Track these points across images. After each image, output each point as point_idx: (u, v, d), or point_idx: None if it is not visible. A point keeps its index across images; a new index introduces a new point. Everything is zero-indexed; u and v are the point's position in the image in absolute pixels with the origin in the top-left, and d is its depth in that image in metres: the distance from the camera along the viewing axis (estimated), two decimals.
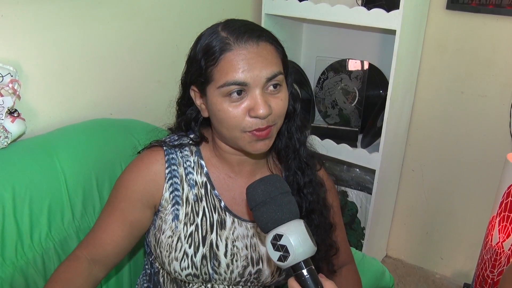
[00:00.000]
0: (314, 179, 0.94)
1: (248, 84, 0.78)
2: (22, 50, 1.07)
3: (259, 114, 0.78)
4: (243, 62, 0.78)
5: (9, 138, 1.01)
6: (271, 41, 0.82)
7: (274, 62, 0.81)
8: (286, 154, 0.93)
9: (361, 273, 1.09)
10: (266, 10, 1.76)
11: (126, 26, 1.32)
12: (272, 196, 0.69)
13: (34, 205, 0.96)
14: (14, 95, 1.05)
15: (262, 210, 0.68)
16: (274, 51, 0.82)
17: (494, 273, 1.36)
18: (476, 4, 1.60)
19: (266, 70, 0.79)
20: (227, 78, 0.78)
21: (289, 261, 0.65)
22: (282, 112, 0.83)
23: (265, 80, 0.79)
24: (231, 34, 0.80)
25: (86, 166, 1.06)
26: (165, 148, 0.91)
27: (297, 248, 0.65)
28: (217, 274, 0.90)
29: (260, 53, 0.79)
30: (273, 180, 0.71)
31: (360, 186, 1.98)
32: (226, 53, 0.79)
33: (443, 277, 2.02)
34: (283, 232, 0.66)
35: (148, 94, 1.45)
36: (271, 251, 0.67)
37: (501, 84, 1.67)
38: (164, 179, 0.90)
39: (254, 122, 0.79)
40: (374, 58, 1.89)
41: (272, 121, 0.81)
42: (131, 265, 1.14)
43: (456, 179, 1.87)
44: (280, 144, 0.93)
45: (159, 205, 0.90)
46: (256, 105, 0.78)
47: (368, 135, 1.81)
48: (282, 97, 0.82)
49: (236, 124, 0.80)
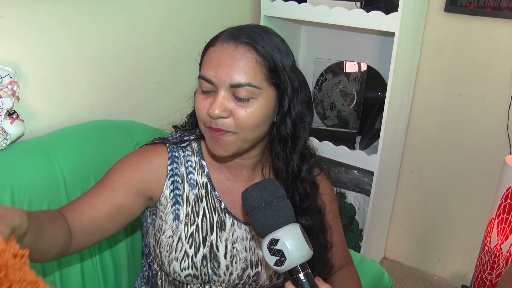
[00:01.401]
0: (312, 205, 0.92)
1: (213, 83, 0.79)
2: (21, 51, 1.07)
3: (210, 113, 0.79)
4: (215, 61, 0.79)
5: (8, 139, 1.01)
6: (258, 51, 0.78)
7: (247, 71, 0.78)
8: (282, 177, 0.90)
9: (360, 275, 1.09)
10: (265, 12, 1.76)
11: (125, 27, 1.31)
12: (267, 200, 0.69)
13: (33, 206, 0.96)
14: (13, 96, 1.04)
15: (257, 215, 0.68)
16: (253, 60, 0.78)
17: (492, 275, 1.36)
18: (474, 7, 1.61)
19: (232, 75, 0.77)
20: (201, 71, 0.82)
21: (285, 265, 0.65)
22: (244, 124, 0.79)
23: (228, 84, 0.78)
24: (225, 33, 0.82)
25: (85, 168, 1.06)
26: (168, 146, 0.91)
27: (293, 253, 0.65)
28: (216, 276, 0.90)
29: (234, 57, 0.78)
30: (268, 184, 0.71)
31: (358, 188, 1.98)
32: (210, 47, 0.82)
33: (441, 279, 2.02)
34: (279, 236, 0.66)
35: (146, 95, 1.45)
36: (268, 256, 0.67)
37: (499, 87, 1.68)
38: (165, 175, 0.89)
39: (210, 119, 0.80)
40: (372, 60, 1.89)
41: (229, 127, 0.80)
42: (130, 267, 1.14)
43: (453, 181, 1.88)
44: (278, 165, 0.89)
45: (158, 202, 0.90)
46: (213, 104, 0.79)
47: (367, 137, 1.81)
48: (249, 109, 0.79)
49: (200, 116, 0.83)
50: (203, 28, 1.58)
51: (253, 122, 0.80)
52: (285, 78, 0.82)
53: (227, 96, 0.79)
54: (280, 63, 0.81)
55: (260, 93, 0.79)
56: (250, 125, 0.80)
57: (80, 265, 1.05)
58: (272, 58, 0.80)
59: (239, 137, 0.81)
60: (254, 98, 0.79)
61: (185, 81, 1.56)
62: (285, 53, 0.83)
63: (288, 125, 0.85)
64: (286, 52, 0.84)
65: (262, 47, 0.79)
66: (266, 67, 0.79)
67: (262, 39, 0.80)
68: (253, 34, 0.80)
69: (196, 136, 0.94)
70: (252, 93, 0.79)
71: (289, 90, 0.83)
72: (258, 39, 0.80)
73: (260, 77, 0.79)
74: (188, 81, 1.56)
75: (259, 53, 0.79)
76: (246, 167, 0.92)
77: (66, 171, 1.02)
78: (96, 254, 1.07)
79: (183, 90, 1.55)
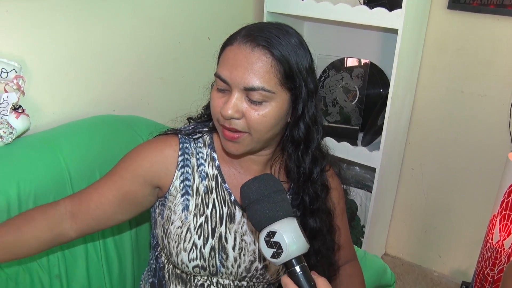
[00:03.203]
0: (322, 207, 0.92)
1: (229, 83, 0.79)
2: (26, 46, 1.07)
3: (223, 113, 0.79)
4: (232, 61, 0.79)
5: (14, 134, 1.01)
6: (274, 55, 0.78)
7: (261, 75, 0.77)
8: (293, 177, 0.91)
9: (363, 271, 1.10)
10: (268, 8, 1.76)
11: (129, 23, 1.32)
12: (266, 194, 0.69)
13: (39, 200, 0.96)
14: (18, 91, 1.05)
15: (256, 208, 0.69)
16: (268, 64, 0.78)
17: (494, 271, 1.37)
18: (477, 4, 1.61)
19: (246, 78, 0.77)
20: (218, 70, 0.82)
21: (282, 257, 0.66)
22: (256, 126, 0.80)
23: (242, 87, 0.78)
24: (244, 32, 0.81)
25: (90, 162, 1.06)
26: (180, 137, 0.92)
27: (290, 245, 0.66)
28: (224, 268, 0.90)
29: (249, 60, 0.78)
30: (266, 178, 0.72)
31: (360, 184, 1.99)
32: (228, 46, 0.81)
33: (441, 275, 2.03)
34: (276, 229, 0.67)
35: (150, 91, 1.45)
36: (265, 248, 0.68)
37: (501, 84, 1.68)
38: (175, 166, 0.90)
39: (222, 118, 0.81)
40: (375, 57, 1.89)
41: (242, 128, 0.80)
42: (135, 260, 1.15)
43: (455, 177, 1.89)
44: (290, 165, 0.90)
45: (167, 192, 0.91)
46: (226, 104, 0.79)
47: (369, 134, 1.82)
48: (262, 112, 0.79)
49: (215, 113, 0.83)
50: (206, 24, 1.58)
51: (265, 125, 0.81)
52: (300, 82, 0.81)
53: (241, 98, 0.79)
54: (296, 67, 0.80)
55: (273, 97, 0.79)
56: (262, 128, 0.81)
57: (85, 258, 1.05)
58: (288, 62, 0.79)
59: (252, 139, 0.82)
60: (267, 102, 0.79)
61: (189, 76, 1.56)
62: (303, 55, 0.82)
63: (301, 129, 0.85)
64: (304, 54, 0.82)
65: (279, 51, 0.78)
66: (281, 72, 0.79)
67: (280, 42, 0.79)
68: (270, 37, 0.79)
69: (209, 129, 0.94)
70: (266, 97, 0.79)
71: (303, 94, 0.82)
72: (275, 43, 0.78)
73: (274, 82, 0.79)
74: (192, 77, 1.56)
75: (274, 57, 0.78)
76: (257, 162, 0.92)
77: (72, 165, 1.02)
78: (101, 247, 1.08)
79: (187, 85, 1.56)
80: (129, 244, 1.13)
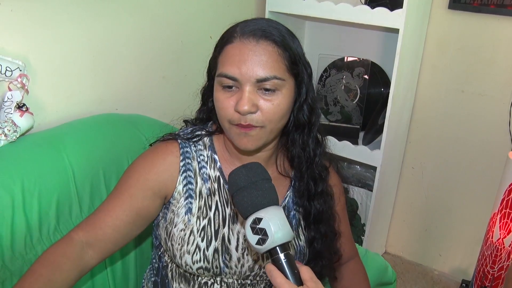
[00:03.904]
0: (325, 190, 0.94)
1: (238, 80, 0.79)
2: (30, 44, 1.08)
3: (240, 110, 0.79)
4: (238, 57, 0.79)
5: (18, 132, 1.02)
6: (278, 44, 0.80)
7: (271, 64, 0.79)
8: (299, 162, 0.92)
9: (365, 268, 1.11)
10: (269, 7, 1.76)
11: (131, 21, 1.32)
12: (253, 181, 0.70)
13: (43, 198, 0.97)
14: (22, 89, 1.05)
15: (243, 194, 0.70)
16: (275, 53, 0.80)
17: (494, 268, 1.38)
18: (478, 4, 1.62)
19: (257, 71, 0.78)
20: (222, 69, 0.81)
21: (267, 244, 0.67)
22: (272, 116, 0.81)
23: (254, 80, 0.79)
24: (241, 29, 0.82)
25: (94, 160, 1.07)
26: (180, 142, 0.92)
27: (276, 232, 0.67)
28: (228, 268, 0.91)
29: (256, 52, 0.79)
30: (255, 166, 0.73)
31: (361, 183, 2.00)
32: (228, 45, 0.81)
33: (442, 274, 2.04)
34: (262, 215, 0.68)
35: (153, 89, 1.46)
36: (250, 234, 0.68)
37: (501, 84, 1.69)
38: (178, 171, 0.90)
39: (238, 116, 0.81)
40: (376, 56, 1.90)
41: (257, 122, 0.81)
42: (137, 258, 1.15)
43: (455, 176, 1.89)
44: (294, 151, 0.92)
45: (171, 197, 0.91)
46: (240, 101, 0.79)
47: (370, 133, 1.82)
48: (275, 101, 0.81)
49: (225, 115, 0.82)
50: (208, 23, 1.59)
51: (280, 114, 0.82)
52: (301, 67, 0.85)
53: (253, 91, 0.80)
54: (297, 52, 0.83)
55: (283, 84, 0.81)
56: (277, 117, 0.82)
57: None
58: (291, 48, 0.82)
59: (266, 131, 0.83)
60: (279, 90, 0.81)
61: (191, 75, 1.57)
62: (297, 42, 0.85)
63: (305, 112, 0.87)
64: (296, 41, 0.86)
65: (281, 39, 0.81)
66: (287, 59, 0.81)
67: (278, 32, 0.81)
68: (268, 29, 0.81)
69: (207, 131, 0.94)
70: (277, 85, 0.80)
71: (306, 78, 0.86)
72: (275, 33, 0.81)
73: (283, 69, 0.81)
74: (194, 75, 1.57)
75: (279, 46, 0.80)
76: (260, 159, 0.92)
77: (75, 163, 1.03)
78: None
79: (189, 84, 1.57)
80: (131, 243, 1.14)
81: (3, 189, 0.92)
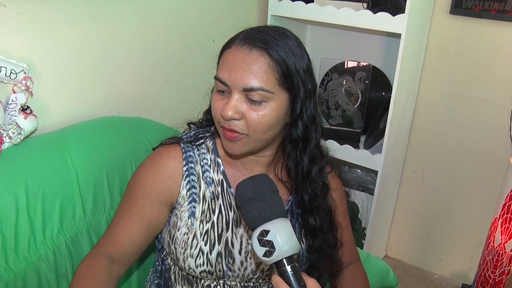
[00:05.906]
0: (321, 205, 0.93)
1: (228, 85, 0.81)
2: (35, 47, 1.08)
3: (223, 114, 0.81)
4: (231, 63, 0.81)
5: (22, 134, 1.02)
6: (271, 55, 0.79)
7: (259, 76, 0.79)
8: (294, 176, 0.91)
9: (366, 272, 1.11)
10: (272, 11, 1.77)
11: (134, 25, 1.33)
12: (261, 193, 0.71)
13: (46, 201, 0.97)
14: (27, 92, 1.06)
15: (250, 206, 0.70)
16: (266, 65, 0.79)
17: (495, 273, 1.38)
18: (479, 10, 1.63)
19: (245, 79, 0.79)
20: (217, 72, 0.84)
21: (274, 256, 0.67)
22: (256, 126, 0.81)
23: (241, 88, 0.80)
24: (242, 35, 0.83)
25: (97, 163, 1.07)
26: (183, 146, 0.92)
27: (283, 244, 0.67)
28: (231, 271, 0.91)
29: (247, 61, 0.79)
30: (262, 178, 0.73)
31: (362, 187, 2.00)
32: (227, 49, 0.83)
33: (442, 278, 2.04)
34: (270, 228, 0.68)
35: (155, 92, 1.46)
36: (257, 246, 0.68)
37: (502, 89, 1.70)
38: (181, 177, 0.90)
39: (223, 119, 0.83)
40: (377, 60, 1.91)
41: (241, 130, 0.82)
42: (140, 261, 1.15)
43: (455, 181, 1.90)
44: (289, 164, 0.91)
45: (176, 202, 0.91)
46: (225, 106, 0.81)
47: (371, 137, 1.83)
48: (261, 112, 0.81)
49: (215, 115, 0.85)
50: (211, 26, 1.60)
51: (264, 125, 0.82)
52: (298, 82, 0.83)
53: (240, 99, 0.81)
54: (294, 67, 0.82)
55: (272, 97, 0.81)
56: (261, 128, 0.82)
57: None
58: (285, 62, 0.81)
59: (251, 139, 0.84)
60: (266, 102, 0.81)
61: (194, 78, 1.57)
62: (300, 56, 0.84)
63: (299, 128, 0.86)
64: (301, 55, 0.84)
65: (276, 52, 0.80)
66: (278, 72, 0.80)
67: (277, 44, 0.81)
68: (268, 39, 0.81)
69: (210, 134, 0.95)
70: (265, 97, 0.80)
71: (301, 94, 0.84)
72: (273, 44, 0.80)
73: (273, 82, 0.80)
74: (197, 79, 1.58)
75: (272, 58, 0.80)
76: (261, 164, 0.93)
77: (79, 165, 1.03)
78: None
79: (192, 87, 1.57)
80: None
81: (7, 191, 0.92)
